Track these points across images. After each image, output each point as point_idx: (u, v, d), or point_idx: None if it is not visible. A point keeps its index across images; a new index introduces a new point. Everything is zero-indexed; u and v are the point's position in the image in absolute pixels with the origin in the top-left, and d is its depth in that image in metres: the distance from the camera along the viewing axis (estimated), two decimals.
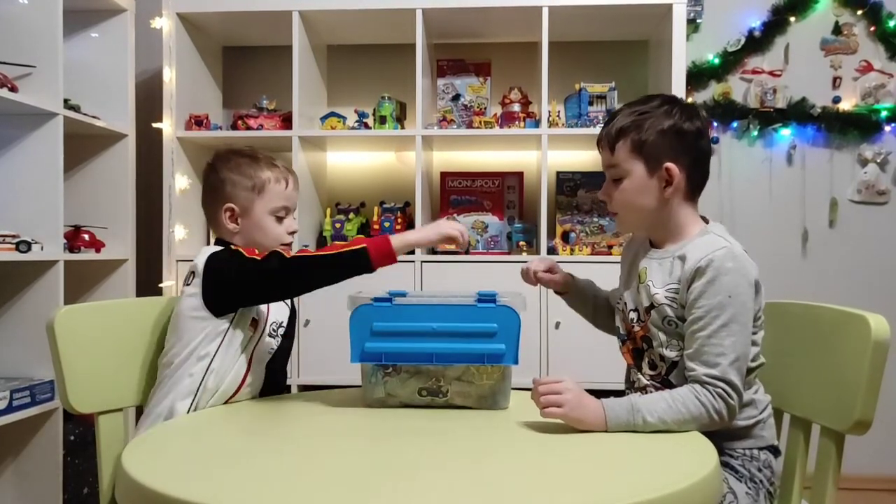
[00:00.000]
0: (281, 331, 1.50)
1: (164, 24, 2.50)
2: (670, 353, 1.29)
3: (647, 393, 1.27)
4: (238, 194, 1.47)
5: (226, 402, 1.41)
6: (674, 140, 1.30)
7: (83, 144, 2.46)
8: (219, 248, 1.43)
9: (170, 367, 1.39)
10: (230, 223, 1.49)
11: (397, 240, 1.33)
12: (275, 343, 1.48)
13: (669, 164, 1.29)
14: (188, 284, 1.40)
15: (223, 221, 1.49)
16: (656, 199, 1.31)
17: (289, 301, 1.55)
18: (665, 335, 1.29)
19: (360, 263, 1.30)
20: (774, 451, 1.32)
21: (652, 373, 1.33)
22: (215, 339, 1.38)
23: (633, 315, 1.36)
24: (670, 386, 1.28)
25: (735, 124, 2.78)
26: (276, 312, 1.49)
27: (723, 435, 1.25)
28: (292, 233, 1.51)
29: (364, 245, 1.30)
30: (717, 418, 1.19)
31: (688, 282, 1.25)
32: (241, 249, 1.39)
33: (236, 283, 1.36)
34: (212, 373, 1.38)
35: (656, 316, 1.30)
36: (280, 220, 1.50)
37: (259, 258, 1.35)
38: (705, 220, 1.37)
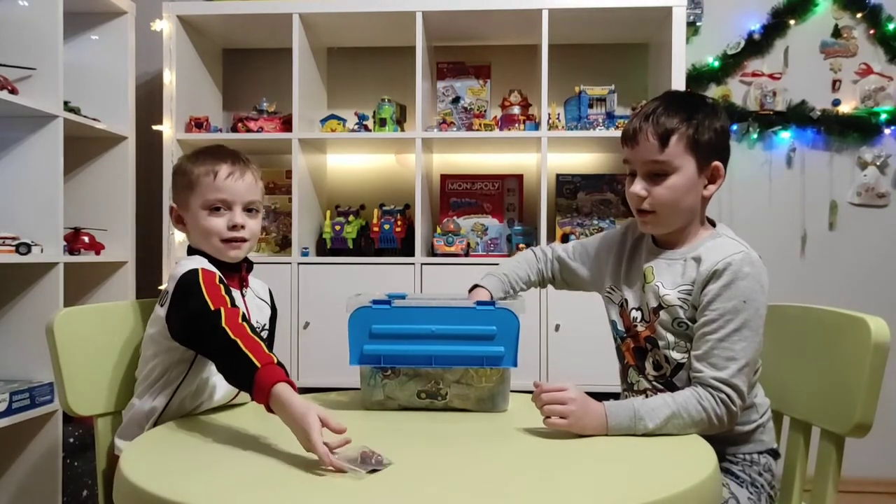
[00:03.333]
0: (264, 333, 1.47)
1: (165, 26, 2.50)
2: (677, 355, 1.29)
3: (648, 397, 1.26)
4: (178, 193, 1.42)
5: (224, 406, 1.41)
6: (722, 139, 1.31)
7: (83, 147, 2.46)
8: (188, 267, 1.32)
9: (142, 385, 1.35)
10: (177, 224, 1.43)
11: (282, 393, 1.09)
12: None
13: (717, 164, 1.30)
14: (162, 305, 1.32)
15: (172, 223, 1.45)
16: (698, 197, 1.31)
17: (269, 300, 1.51)
18: (674, 336, 1.29)
19: (245, 378, 1.14)
20: (774, 454, 1.32)
21: (656, 373, 1.32)
22: (182, 364, 1.32)
23: (636, 314, 1.35)
24: (673, 388, 1.28)
25: (735, 127, 2.77)
26: (258, 314, 1.45)
27: (723, 440, 1.25)
28: (234, 227, 1.36)
29: (258, 366, 1.12)
30: (717, 424, 1.19)
31: (703, 283, 1.24)
32: (201, 284, 1.27)
33: (181, 331, 1.28)
34: (181, 396, 1.32)
35: (666, 317, 1.29)
36: (216, 213, 1.37)
37: (212, 307, 1.23)
38: (711, 222, 1.37)
